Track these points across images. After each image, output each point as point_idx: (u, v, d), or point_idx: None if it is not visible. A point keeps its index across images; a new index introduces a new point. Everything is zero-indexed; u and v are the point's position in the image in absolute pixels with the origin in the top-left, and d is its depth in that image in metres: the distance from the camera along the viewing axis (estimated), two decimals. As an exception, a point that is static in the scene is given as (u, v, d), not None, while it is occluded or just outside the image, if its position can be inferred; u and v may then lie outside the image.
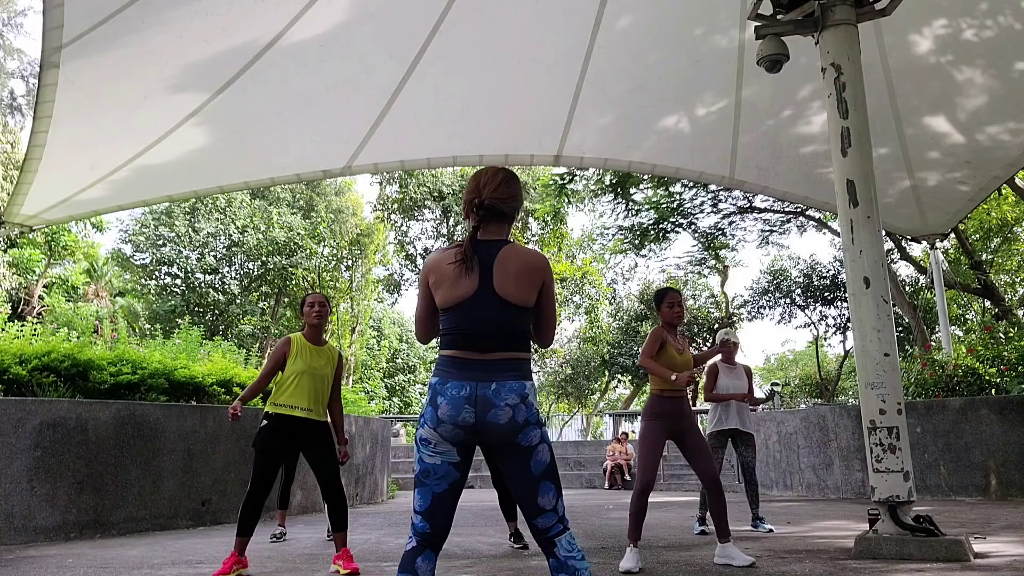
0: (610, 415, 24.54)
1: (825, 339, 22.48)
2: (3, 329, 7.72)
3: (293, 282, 24.71)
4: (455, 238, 26.27)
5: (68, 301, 21.91)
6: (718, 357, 6.59)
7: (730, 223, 16.94)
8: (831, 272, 20.10)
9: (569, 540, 2.16)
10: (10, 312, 13.18)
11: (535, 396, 2.23)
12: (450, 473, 2.18)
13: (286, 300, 25.87)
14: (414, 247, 28.08)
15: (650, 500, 4.43)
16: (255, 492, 4.20)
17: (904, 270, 18.45)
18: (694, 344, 21.31)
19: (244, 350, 12.67)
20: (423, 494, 2.19)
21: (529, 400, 2.18)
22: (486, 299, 2.20)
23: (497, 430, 2.15)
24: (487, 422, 2.14)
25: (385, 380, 31.90)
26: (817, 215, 16.07)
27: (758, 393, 7.31)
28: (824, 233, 18.59)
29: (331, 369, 4.54)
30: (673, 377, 4.28)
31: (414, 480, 2.24)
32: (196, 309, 24.04)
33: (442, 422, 2.16)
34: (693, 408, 4.62)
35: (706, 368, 6.54)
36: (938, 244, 9.84)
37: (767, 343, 79.51)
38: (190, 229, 23.72)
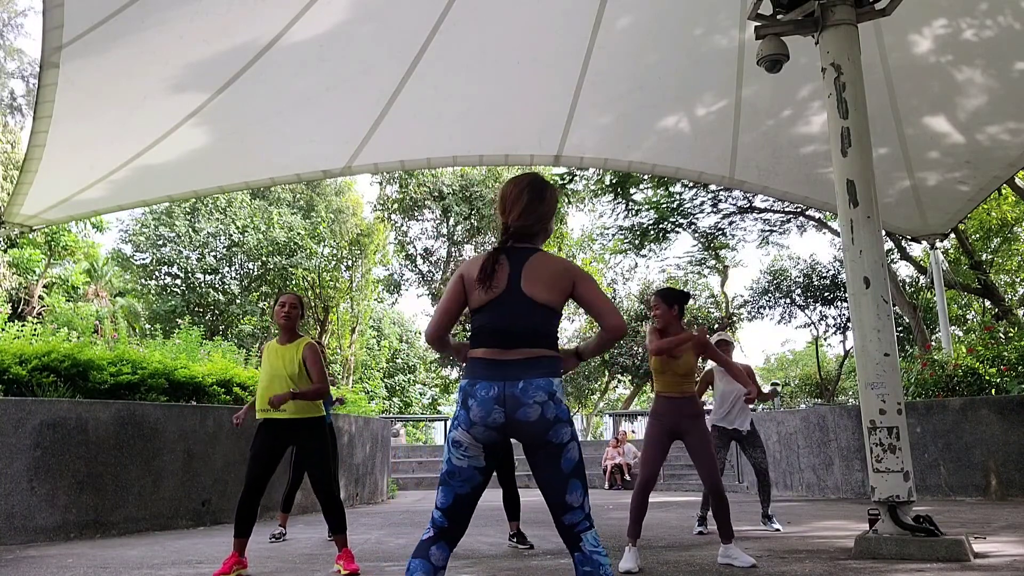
0: (610, 415, 24.51)
1: (825, 339, 22.49)
2: (3, 329, 7.72)
3: (293, 282, 24.69)
4: (455, 238, 26.29)
5: (68, 301, 21.92)
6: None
7: (730, 223, 16.95)
8: (831, 272, 20.09)
9: (595, 536, 2.24)
10: (10, 312, 13.18)
11: (563, 394, 2.26)
12: (474, 477, 2.24)
13: (286, 300, 25.81)
14: (414, 247, 28.06)
15: (651, 500, 4.43)
16: (247, 492, 4.23)
17: (904, 270, 18.46)
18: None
19: (244, 350, 12.66)
20: (446, 493, 2.24)
21: (557, 397, 2.22)
22: (514, 298, 2.28)
23: (528, 427, 2.20)
24: (517, 420, 2.19)
25: (385, 380, 31.89)
26: (817, 215, 16.07)
27: (764, 389, 7.22)
28: (824, 233, 18.59)
29: (296, 365, 4.37)
30: (695, 332, 4.41)
31: (439, 478, 2.29)
32: (196, 309, 24.03)
33: (474, 424, 2.20)
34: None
35: (703, 373, 6.59)
36: (938, 244, 9.84)
37: (767, 343, 79.50)
38: (190, 229, 23.71)
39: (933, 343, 13.32)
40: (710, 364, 6.65)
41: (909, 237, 12.88)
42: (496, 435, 2.22)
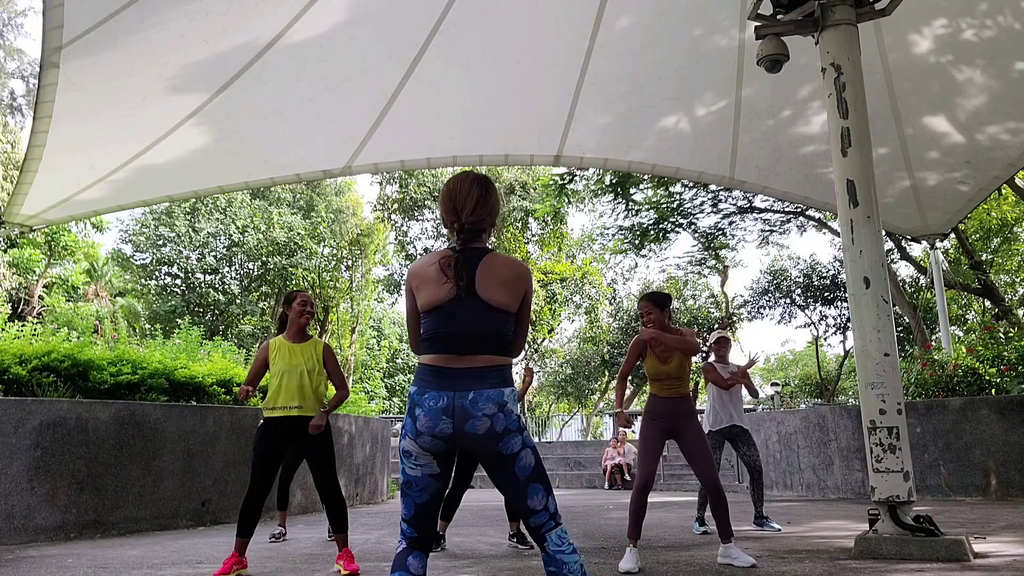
0: (610, 415, 24.53)
1: (825, 339, 22.48)
2: (3, 329, 7.72)
3: (293, 282, 24.70)
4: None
5: (68, 301, 21.92)
6: (712, 357, 6.67)
7: (730, 223, 16.94)
8: (831, 272, 20.10)
9: (559, 534, 2.21)
10: (10, 312, 13.18)
11: (515, 402, 2.21)
12: (431, 485, 2.23)
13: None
14: (414, 247, 28.08)
15: (650, 500, 4.44)
16: (253, 493, 4.23)
17: (904, 270, 18.46)
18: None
19: (244, 350, 12.66)
20: (407, 504, 2.25)
21: (508, 408, 2.18)
22: (468, 301, 2.22)
23: (476, 439, 2.17)
24: (465, 432, 2.16)
25: (385, 380, 31.90)
26: (817, 215, 16.07)
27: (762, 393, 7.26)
28: (824, 233, 18.59)
29: (315, 362, 4.51)
30: (615, 412, 4.43)
31: (400, 489, 2.29)
32: (196, 309, 24.04)
33: (421, 433, 2.18)
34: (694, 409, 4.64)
35: (703, 366, 6.64)
36: (938, 244, 9.83)
37: (767, 343, 79.45)
38: (190, 229, 23.72)
39: (933, 343, 13.31)
40: (711, 357, 6.71)
41: (909, 237, 12.88)
42: (443, 445, 2.19)
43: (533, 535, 2.25)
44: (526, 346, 2.59)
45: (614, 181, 14.49)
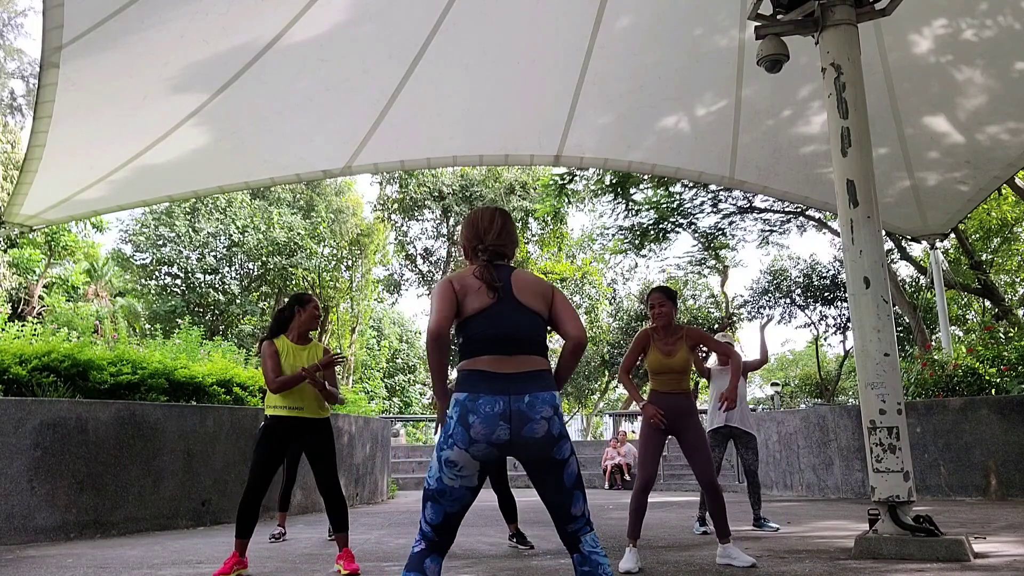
0: (610, 415, 24.53)
1: (825, 339, 22.49)
2: (3, 329, 7.72)
3: (293, 282, 24.69)
4: (455, 238, 26.29)
5: (68, 301, 21.92)
6: (713, 357, 6.69)
7: (730, 223, 16.95)
8: (831, 272, 20.10)
9: (593, 537, 2.28)
10: (10, 312, 13.18)
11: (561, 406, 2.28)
12: (465, 496, 2.22)
13: (286, 300, 25.83)
14: (414, 247, 28.10)
15: (650, 500, 4.44)
16: (251, 493, 4.22)
17: (904, 270, 18.47)
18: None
19: (244, 350, 12.66)
20: (436, 511, 2.22)
21: (559, 411, 2.24)
22: (509, 304, 2.31)
23: (534, 444, 2.18)
24: (523, 437, 2.16)
25: (385, 380, 31.90)
26: (817, 215, 16.08)
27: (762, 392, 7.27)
28: (824, 233, 18.60)
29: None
30: (640, 406, 4.49)
31: (428, 493, 2.24)
32: (196, 309, 24.03)
33: (475, 442, 2.15)
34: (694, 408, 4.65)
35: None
36: (938, 244, 9.83)
37: (767, 343, 79.34)
38: (190, 229, 23.71)
39: (933, 343, 13.31)
40: (712, 359, 6.72)
41: (909, 237, 12.88)
42: (496, 452, 2.18)
43: (568, 539, 2.27)
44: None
45: (614, 181, 14.49)
